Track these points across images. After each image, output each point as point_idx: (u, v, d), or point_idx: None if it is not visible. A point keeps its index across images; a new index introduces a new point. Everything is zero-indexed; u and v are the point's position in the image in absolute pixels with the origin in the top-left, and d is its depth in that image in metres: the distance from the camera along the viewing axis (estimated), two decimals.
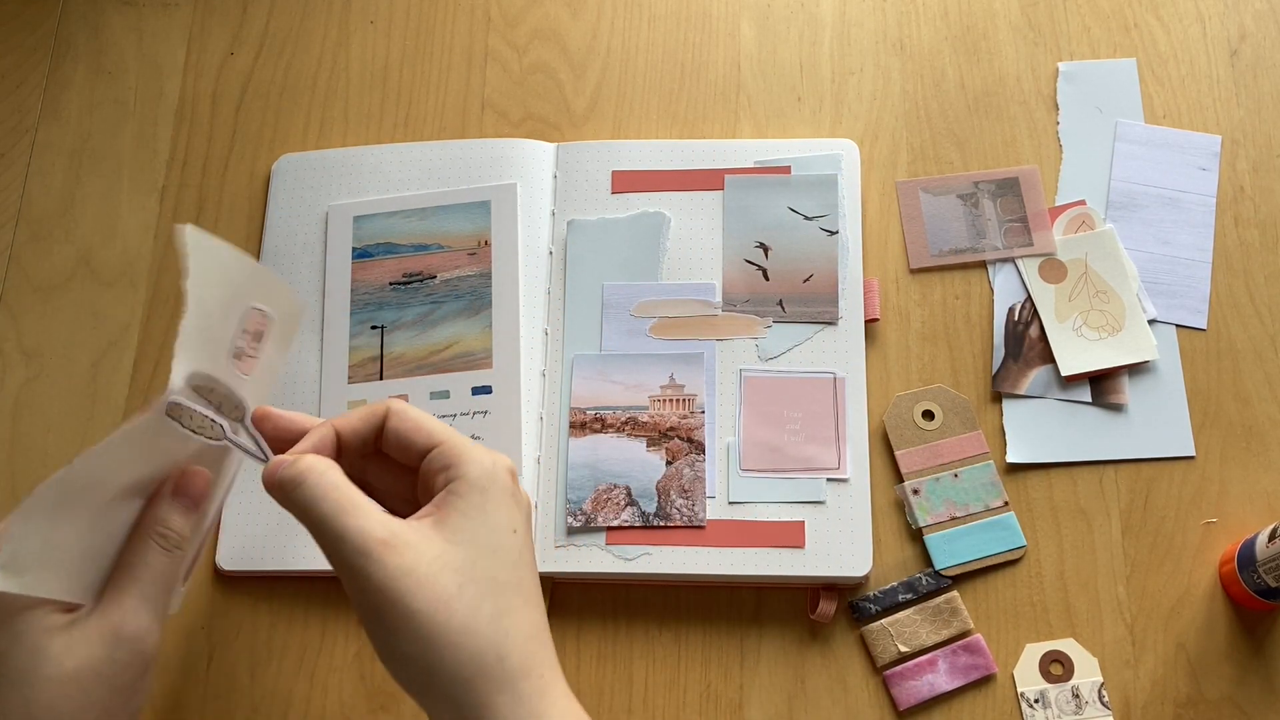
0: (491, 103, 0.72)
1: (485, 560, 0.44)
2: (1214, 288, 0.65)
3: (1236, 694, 0.58)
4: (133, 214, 0.70)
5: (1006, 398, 0.64)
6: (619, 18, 0.73)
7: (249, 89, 0.73)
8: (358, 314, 0.66)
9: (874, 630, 0.59)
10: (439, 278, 0.66)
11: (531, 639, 0.44)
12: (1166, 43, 0.71)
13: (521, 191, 0.67)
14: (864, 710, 0.59)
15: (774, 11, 0.73)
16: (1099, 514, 0.62)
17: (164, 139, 0.72)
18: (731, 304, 0.65)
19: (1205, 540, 0.61)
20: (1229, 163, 0.68)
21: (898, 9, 0.72)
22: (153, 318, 0.68)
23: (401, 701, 0.60)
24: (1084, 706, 0.58)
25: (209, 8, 0.75)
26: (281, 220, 0.69)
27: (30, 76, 0.73)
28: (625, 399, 0.63)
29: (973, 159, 0.69)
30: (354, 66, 0.73)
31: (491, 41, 0.73)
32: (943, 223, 0.67)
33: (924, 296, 0.66)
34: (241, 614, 0.62)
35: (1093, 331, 0.64)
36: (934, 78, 0.70)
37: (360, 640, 0.61)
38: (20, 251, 0.69)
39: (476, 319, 0.65)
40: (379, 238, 0.67)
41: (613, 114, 0.71)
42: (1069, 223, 0.67)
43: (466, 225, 0.67)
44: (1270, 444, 0.62)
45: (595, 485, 0.61)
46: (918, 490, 0.61)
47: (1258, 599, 0.58)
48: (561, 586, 0.61)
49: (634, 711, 0.59)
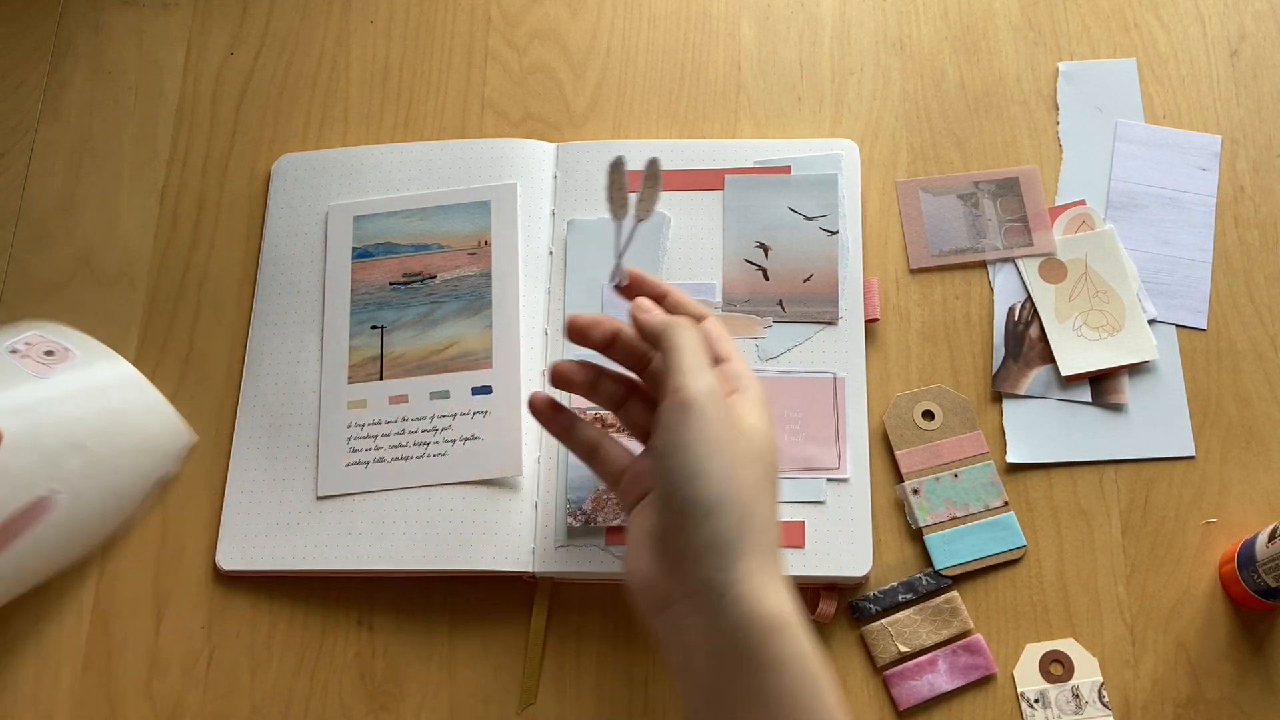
0: (491, 103, 0.72)
1: (769, 450, 0.50)
2: (1214, 288, 0.65)
3: (1236, 694, 0.58)
4: (133, 214, 0.70)
5: (1006, 398, 0.64)
6: (619, 18, 0.73)
7: (249, 89, 0.73)
8: (358, 314, 0.66)
9: (874, 630, 0.59)
10: (439, 278, 0.66)
11: (775, 526, 0.49)
12: (1166, 43, 0.71)
13: (521, 191, 0.67)
14: (864, 710, 0.59)
15: (774, 11, 0.73)
16: (1099, 514, 0.62)
17: (164, 139, 0.72)
18: (731, 304, 0.65)
19: (1205, 540, 0.61)
20: (1229, 163, 0.68)
21: (898, 9, 0.72)
22: (153, 318, 0.68)
23: (401, 701, 0.60)
24: (1084, 706, 0.58)
25: (209, 8, 0.75)
26: (281, 220, 0.69)
27: (30, 76, 0.73)
28: None
29: (973, 159, 0.69)
30: (354, 66, 0.73)
31: (491, 41, 0.73)
32: (943, 223, 0.67)
33: (924, 296, 0.66)
34: (241, 614, 0.62)
35: (1093, 331, 0.64)
36: (934, 78, 0.70)
37: (360, 640, 0.61)
38: (20, 251, 0.69)
39: (476, 319, 0.65)
40: (379, 238, 0.67)
41: (613, 114, 0.71)
42: (1069, 223, 0.67)
43: (466, 225, 0.67)
44: (1270, 444, 0.62)
45: (595, 485, 0.61)
46: (918, 490, 0.61)
47: (1258, 599, 0.58)
48: (561, 586, 0.61)
49: (634, 712, 0.59)
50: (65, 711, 0.61)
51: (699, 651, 0.46)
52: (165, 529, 0.63)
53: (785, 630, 0.45)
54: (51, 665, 0.61)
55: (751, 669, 0.44)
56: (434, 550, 0.60)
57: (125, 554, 0.63)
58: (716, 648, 0.45)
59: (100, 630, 0.62)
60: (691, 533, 0.46)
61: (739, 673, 0.44)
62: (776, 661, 0.44)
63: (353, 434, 0.63)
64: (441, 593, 0.62)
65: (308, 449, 0.64)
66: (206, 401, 0.66)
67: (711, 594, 0.45)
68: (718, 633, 0.45)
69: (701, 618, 0.45)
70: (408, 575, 0.61)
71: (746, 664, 0.44)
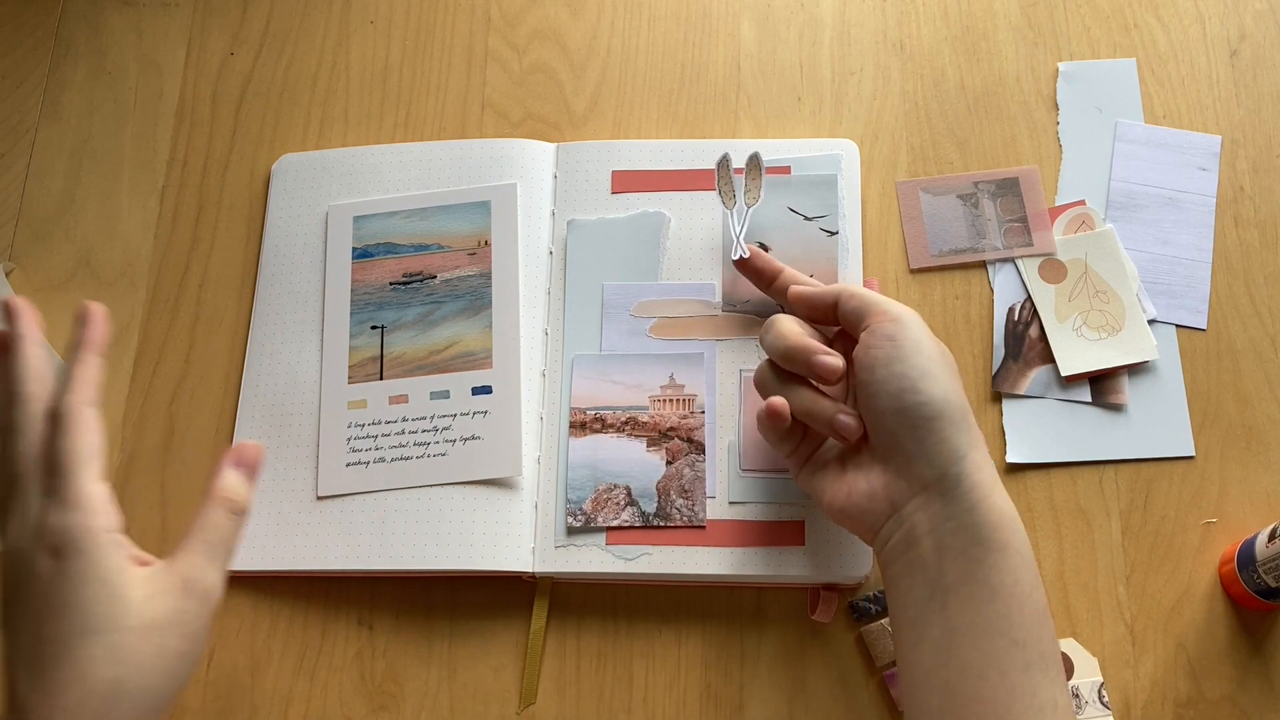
0: (491, 103, 0.72)
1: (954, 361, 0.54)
2: (1214, 288, 0.65)
3: (1236, 694, 0.58)
4: (133, 214, 0.70)
5: (1006, 398, 0.64)
6: (619, 18, 0.73)
7: (249, 89, 0.73)
8: (358, 314, 0.66)
9: (874, 630, 0.59)
10: (439, 278, 0.66)
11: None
12: (1166, 43, 0.71)
13: (521, 191, 0.67)
14: (864, 710, 0.59)
15: (774, 12, 0.73)
16: (1099, 514, 0.62)
17: (164, 139, 0.72)
18: (731, 304, 0.65)
19: (1205, 540, 0.61)
20: (1229, 163, 0.68)
21: (898, 9, 0.72)
22: (153, 318, 0.68)
23: (401, 701, 0.60)
24: (1084, 706, 0.58)
25: (209, 8, 0.75)
26: (281, 220, 0.69)
27: (30, 76, 0.73)
28: (625, 399, 0.63)
29: (973, 159, 0.69)
30: (354, 66, 0.73)
31: (491, 41, 0.73)
32: (943, 223, 0.67)
33: (924, 296, 0.66)
34: (241, 614, 0.62)
35: (1093, 331, 0.64)
36: (934, 78, 0.70)
37: (360, 640, 0.61)
38: (20, 251, 0.69)
39: (476, 319, 0.65)
40: (379, 238, 0.67)
41: (613, 114, 0.71)
42: (1069, 223, 0.67)
43: (466, 225, 0.67)
44: (1270, 444, 0.62)
45: (595, 485, 0.61)
46: None
47: (1258, 599, 0.58)
48: (561, 586, 0.61)
49: (634, 711, 0.59)
50: None
51: (927, 540, 0.49)
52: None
53: (1014, 521, 0.49)
54: None
55: (981, 550, 0.48)
56: (434, 550, 0.60)
57: None
58: (948, 532, 0.49)
59: None
60: (925, 431, 0.50)
61: (967, 554, 0.48)
62: (1007, 545, 0.48)
63: (353, 434, 0.63)
64: (441, 593, 0.62)
65: (308, 449, 0.64)
66: (206, 401, 0.66)
67: (947, 483, 0.49)
68: (952, 519, 0.49)
69: (933, 509, 0.49)
70: (408, 575, 0.62)
71: (978, 546, 0.48)
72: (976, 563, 0.48)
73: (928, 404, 0.50)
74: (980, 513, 0.49)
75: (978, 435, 0.51)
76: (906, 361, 0.51)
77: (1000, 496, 0.49)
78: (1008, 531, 0.48)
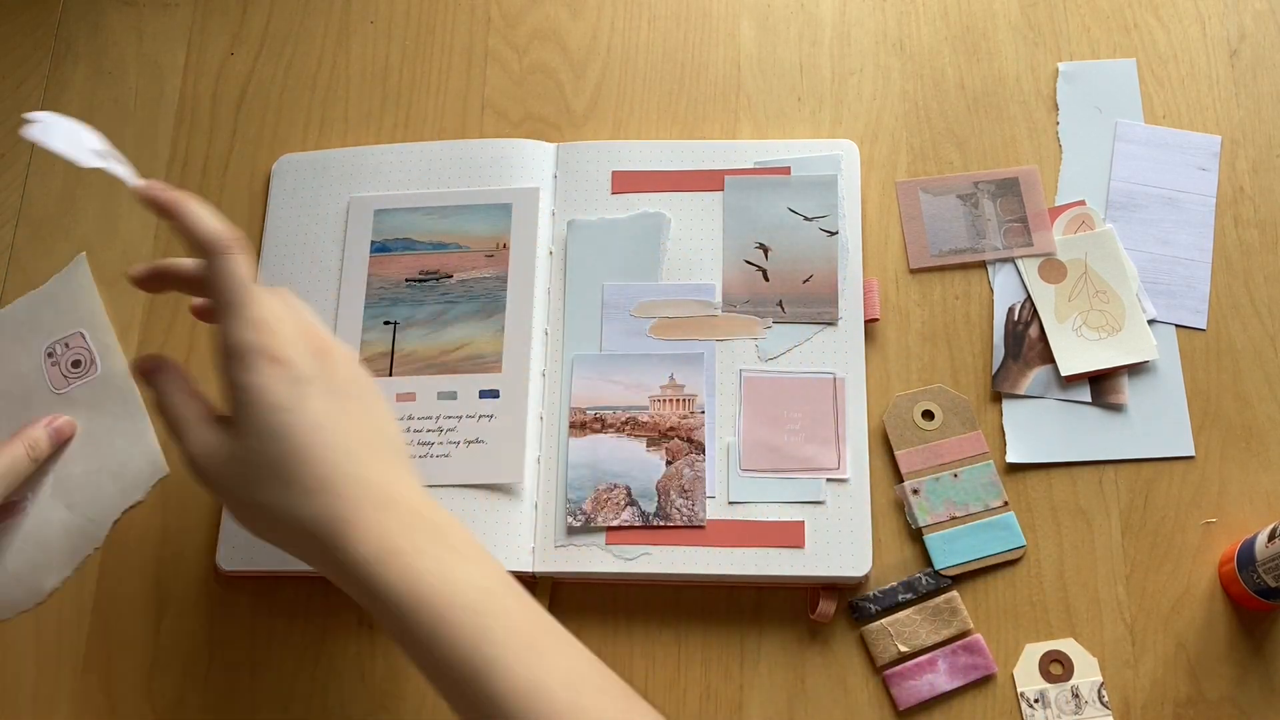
0: (491, 103, 0.72)
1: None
2: (1214, 288, 0.65)
3: (1236, 694, 0.58)
4: (133, 214, 0.70)
5: (1006, 398, 0.64)
6: (619, 18, 0.73)
7: (249, 89, 0.73)
8: (371, 308, 0.66)
9: (874, 630, 0.59)
10: (455, 277, 0.66)
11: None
12: (1166, 43, 0.71)
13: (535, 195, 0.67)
14: (864, 710, 0.59)
15: (774, 11, 0.73)
16: (1099, 514, 0.62)
17: (164, 139, 0.72)
18: (731, 304, 0.65)
19: (1205, 540, 0.61)
20: (1229, 163, 0.68)
21: (898, 9, 0.72)
22: (153, 318, 0.68)
23: (401, 701, 0.60)
24: (1084, 706, 0.58)
25: (209, 8, 0.75)
26: (282, 220, 0.69)
27: (30, 76, 0.73)
28: (625, 399, 0.63)
29: (973, 159, 0.69)
30: (354, 66, 0.73)
31: (491, 41, 0.73)
32: (943, 223, 0.67)
33: (924, 296, 0.66)
34: (241, 614, 0.62)
35: (1092, 331, 0.64)
36: (934, 78, 0.70)
37: (360, 640, 0.61)
38: (20, 251, 0.69)
39: (489, 321, 0.65)
40: (399, 233, 0.67)
41: (613, 114, 0.71)
42: (1069, 223, 0.67)
43: (487, 227, 0.67)
44: (1270, 444, 0.62)
45: (595, 485, 0.61)
46: (917, 490, 0.61)
47: (1257, 599, 0.58)
48: (561, 586, 0.61)
49: None
50: (65, 711, 0.61)
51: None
52: (165, 529, 0.63)
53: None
54: (51, 665, 0.61)
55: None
56: None
57: (125, 554, 0.63)
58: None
59: (100, 630, 0.62)
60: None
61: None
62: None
63: None
64: None
65: None
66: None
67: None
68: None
69: None
70: None
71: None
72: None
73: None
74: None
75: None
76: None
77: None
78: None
